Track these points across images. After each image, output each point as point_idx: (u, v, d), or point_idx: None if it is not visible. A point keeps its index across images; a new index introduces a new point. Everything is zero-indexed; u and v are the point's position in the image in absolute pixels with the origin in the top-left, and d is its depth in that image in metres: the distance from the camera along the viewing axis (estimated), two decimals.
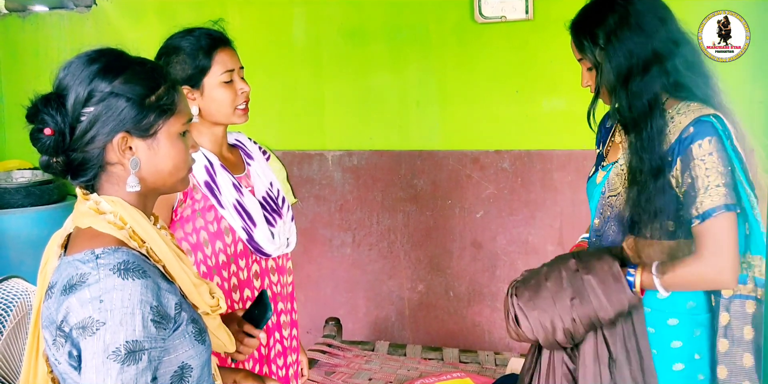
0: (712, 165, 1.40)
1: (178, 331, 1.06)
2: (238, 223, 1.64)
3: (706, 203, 1.40)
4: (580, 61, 1.57)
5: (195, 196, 1.62)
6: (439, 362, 2.69)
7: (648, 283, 1.47)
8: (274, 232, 1.71)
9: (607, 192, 1.59)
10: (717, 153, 1.41)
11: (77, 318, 0.98)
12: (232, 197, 1.65)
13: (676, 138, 1.45)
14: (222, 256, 1.65)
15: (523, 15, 3.02)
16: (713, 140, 1.41)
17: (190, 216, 1.62)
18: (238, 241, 1.66)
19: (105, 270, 1.00)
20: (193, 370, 1.10)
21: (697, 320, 1.53)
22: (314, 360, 2.68)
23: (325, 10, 3.33)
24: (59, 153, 1.06)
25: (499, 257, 3.20)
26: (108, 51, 1.11)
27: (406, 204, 3.30)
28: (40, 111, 1.04)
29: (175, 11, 3.45)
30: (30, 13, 3.74)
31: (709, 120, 1.43)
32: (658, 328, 1.54)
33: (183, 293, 1.12)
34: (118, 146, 1.07)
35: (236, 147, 1.82)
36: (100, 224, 1.07)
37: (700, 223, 1.41)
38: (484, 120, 3.18)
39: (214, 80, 1.63)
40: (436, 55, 3.22)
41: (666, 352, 1.53)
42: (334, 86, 3.38)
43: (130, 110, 1.06)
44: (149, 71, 1.11)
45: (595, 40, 1.50)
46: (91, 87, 1.05)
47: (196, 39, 1.63)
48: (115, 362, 0.95)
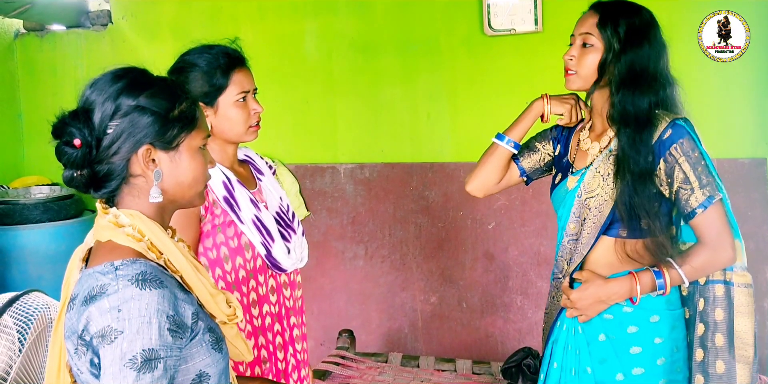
0: (697, 160, 1.53)
1: (195, 339, 1.08)
2: (257, 238, 1.65)
3: (704, 193, 1.52)
4: (580, 35, 1.62)
5: (215, 211, 1.63)
6: (452, 373, 2.69)
7: (675, 278, 1.55)
8: (290, 248, 1.73)
9: (584, 195, 1.64)
10: (697, 149, 1.54)
11: (97, 327, 1.01)
12: (251, 213, 1.66)
13: (655, 140, 1.55)
14: (242, 271, 1.65)
15: (533, 27, 3.05)
16: (689, 139, 1.54)
17: (210, 231, 1.63)
18: (257, 256, 1.67)
19: (123, 281, 1.03)
20: (211, 378, 1.12)
21: (674, 315, 1.61)
22: (328, 372, 2.70)
23: (337, 25, 3.38)
24: (85, 165, 1.09)
25: (512, 268, 3.20)
26: (132, 69, 1.15)
27: (418, 216, 3.32)
28: (68, 125, 1.08)
29: (188, 28, 3.51)
30: (48, 33, 3.82)
31: (682, 123, 1.56)
32: (641, 326, 1.60)
33: (200, 303, 1.14)
34: (143, 158, 1.10)
35: (246, 162, 1.82)
36: (119, 237, 1.10)
37: (703, 211, 1.52)
38: (494, 132, 3.13)
39: (229, 99, 1.63)
40: (446, 68, 3.25)
41: (651, 348, 1.60)
42: (346, 100, 3.42)
43: (154, 123, 1.10)
44: (172, 87, 1.15)
45: (617, 27, 1.57)
46: (117, 102, 1.09)
47: (214, 57, 1.63)
48: (131, 370, 0.98)
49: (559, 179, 1.76)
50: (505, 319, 3.23)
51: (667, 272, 1.55)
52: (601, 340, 1.62)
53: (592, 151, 1.67)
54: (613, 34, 1.57)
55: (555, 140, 1.82)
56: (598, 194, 1.62)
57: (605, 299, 1.59)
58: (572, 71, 1.65)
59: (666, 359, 1.60)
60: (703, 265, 1.54)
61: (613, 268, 1.62)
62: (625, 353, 1.60)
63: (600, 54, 1.59)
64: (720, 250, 1.53)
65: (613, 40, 1.57)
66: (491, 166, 1.81)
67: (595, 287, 1.59)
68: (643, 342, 1.60)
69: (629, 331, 1.60)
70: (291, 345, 1.80)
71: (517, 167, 1.83)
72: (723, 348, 1.53)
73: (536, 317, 3.18)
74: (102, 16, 3.72)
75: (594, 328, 1.63)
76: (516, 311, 3.21)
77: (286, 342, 1.77)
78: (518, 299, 3.20)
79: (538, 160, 1.83)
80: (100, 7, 3.74)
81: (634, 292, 1.55)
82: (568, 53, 1.65)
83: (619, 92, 1.57)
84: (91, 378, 1.05)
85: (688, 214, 1.54)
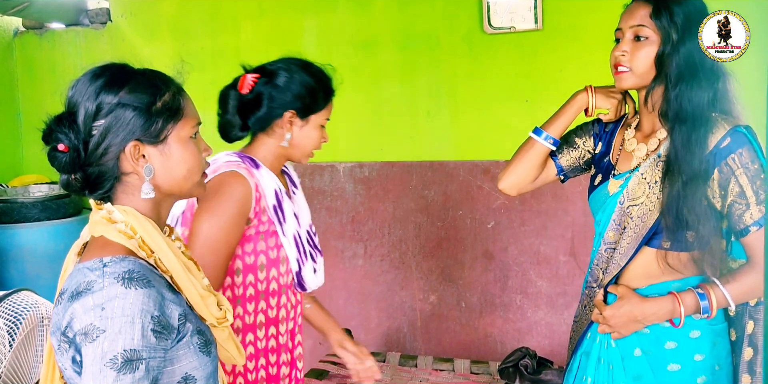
0: (756, 173, 1.39)
1: (182, 341, 1.07)
2: (294, 254, 1.65)
3: (761, 210, 1.39)
4: (630, 28, 1.48)
5: (262, 218, 1.61)
6: (450, 373, 2.68)
7: (721, 300, 1.43)
8: (317, 269, 1.72)
9: (627, 202, 1.53)
10: (757, 161, 1.40)
11: (80, 324, 0.99)
12: (294, 227, 1.65)
13: (711, 148, 1.42)
14: (274, 283, 1.64)
15: (533, 25, 3.03)
16: (750, 149, 1.41)
17: (253, 237, 1.60)
18: (289, 271, 1.66)
19: (110, 278, 1.01)
20: (197, 382, 1.10)
21: (716, 331, 1.51)
22: (325, 371, 2.68)
23: (336, 23, 3.36)
24: (76, 169, 1.08)
25: (511, 268, 3.18)
26: (111, 65, 1.13)
27: (418, 215, 3.30)
28: (54, 130, 1.07)
29: (188, 26, 3.49)
30: (47, 31, 3.81)
31: (743, 131, 1.43)
32: (681, 341, 1.51)
33: (190, 304, 1.13)
34: (131, 155, 1.09)
35: (284, 174, 1.79)
36: (111, 233, 1.09)
37: (758, 229, 1.40)
38: (494, 130, 3.18)
39: (318, 121, 1.67)
40: (446, 65, 3.23)
41: (690, 366, 1.50)
42: (345, 97, 3.37)
43: (137, 118, 1.08)
44: (152, 80, 1.13)
45: (673, 16, 1.43)
46: (98, 101, 1.07)
47: (326, 79, 1.69)
48: (111, 370, 0.96)
49: (599, 181, 1.62)
50: (504, 319, 3.21)
51: (713, 293, 1.42)
52: (636, 356, 1.53)
53: (638, 154, 1.54)
54: (670, 24, 1.43)
55: (597, 136, 1.68)
56: (642, 202, 1.50)
57: (641, 319, 1.48)
58: (625, 67, 1.49)
59: (707, 378, 1.49)
60: (752, 287, 1.42)
61: (652, 278, 1.51)
62: (662, 370, 1.51)
63: (656, 47, 1.46)
64: None
65: (671, 31, 1.43)
66: (527, 164, 1.67)
67: (631, 305, 1.48)
68: (683, 359, 1.49)
69: (667, 346, 1.50)
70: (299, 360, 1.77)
71: (555, 165, 1.69)
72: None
73: (535, 317, 3.16)
74: (101, 14, 3.71)
75: (629, 343, 1.53)
76: (515, 311, 3.19)
77: (294, 359, 1.75)
78: (517, 299, 3.18)
79: (578, 157, 1.69)
80: (99, 5, 3.73)
81: (677, 313, 1.44)
82: (618, 48, 1.50)
83: (677, 87, 1.44)
84: (74, 375, 1.04)
85: (741, 231, 1.42)
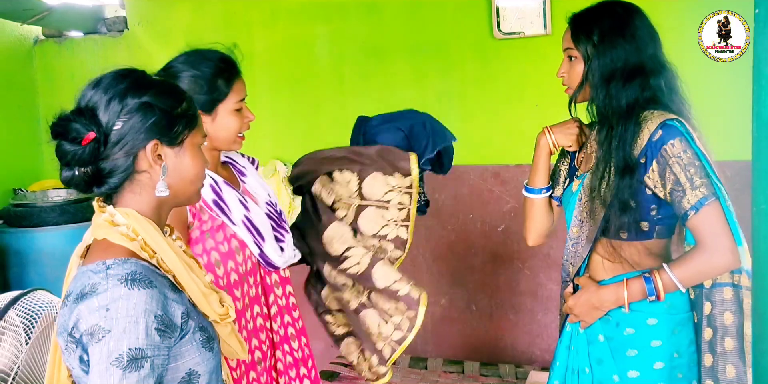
0: (689, 160, 1.49)
1: (185, 338, 1.10)
2: (249, 238, 1.66)
3: (696, 194, 1.48)
4: (565, 51, 1.65)
5: (202, 216, 1.63)
6: (460, 375, 2.70)
7: (669, 284, 1.52)
8: (284, 247, 1.74)
9: (583, 198, 1.64)
10: (689, 150, 1.50)
11: (86, 325, 1.03)
12: (241, 213, 1.66)
13: (646, 142, 1.53)
14: (234, 275, 1.66)
15: (542, 30, 3.05)
16: (682, 139, 1.50)
17: (199, 237, 1.62)
18: (248, 258, 1.67)
19: (113, 280, 1.05)
20: (201, 377, 1.14)
21: (676, 319, 1.58)
22: (336, 373, 2.71)
23: (348, 30, 3.41)
24: (91, 162, 1.10)
25: (521, 271, 3.20)
26: (134, 70, 1.18)
27: (428, 218, 3.30)
28: (74, 121, 1.10)
29: (202, 34, 3.55)
30: (66, 39, 3.90)
31: (674, 123, 1.52)
32: (638, 328, 1.58)
33: (193, 302, 1.16)
34: (151, 153, 1.12)
35: (226, 164, 1.81)
36: (114, 236, 1.12)
37: (695, 213, 1.48)
38: (504, 134, 3.20)
39: (228, 107, 1.64)
40: (456, 71, 3.26)
41: (647, 351, 1.58)
42: (357, 103, 3.44)
43: (162, 119, 1.13)
44: (173, 87, 1.20)
45: (589, 35, 1.59)
46: (124, 99, 1.11)
47: (217, 64, 1.63)
48: (117, 368, 0.99)
49: (567, 183, 1.77)
50: (515, 322, 3.22)
51: (658, 278, 1.52)
52: (600, 341, 1.62)
53: (596, 154, 1.66)
54: (587, 42, 1.59)
55: (569, 153, 1.82)
56: (593, 197, 1.61)
57: (599, 306, 1.59)
58: (566, 86, 1.68)
59: (665, 364, 1.57)
60: (699, 269, 1.50)
61: (616, 271, 1.61)
62: (621, 355, 1.59)
63: (582, 64, 1.61)
64: (716, 253, 1.47)
65: (588, 48, 1.59)
66: (539, 217, 1.82)
67: (588, 294, 1.60)
68: (639, 344, 1.58)
69: (626, 333, 1.59)
70: (287, 343, 1.81)
71: (554, 199, 1.84)
72: (733, 352, 1.50)
73: (546, 320, 3.17)
74: (118, 22, 3.79)
75: (594, 330, 1.63)
76: (525, 314, 3.20)
77: (282, 340, 1.79)
78: (528, 302, 3.19)
79: (563, 181, 1.82)
80: (117, 13, 3.81)
81: (622, 299, 1.55)
82: (558, 72, 1.68)
83: (597, 92, 1.59)
84: (82, 374, 1.07)
85: (682, 217, 1.51)
